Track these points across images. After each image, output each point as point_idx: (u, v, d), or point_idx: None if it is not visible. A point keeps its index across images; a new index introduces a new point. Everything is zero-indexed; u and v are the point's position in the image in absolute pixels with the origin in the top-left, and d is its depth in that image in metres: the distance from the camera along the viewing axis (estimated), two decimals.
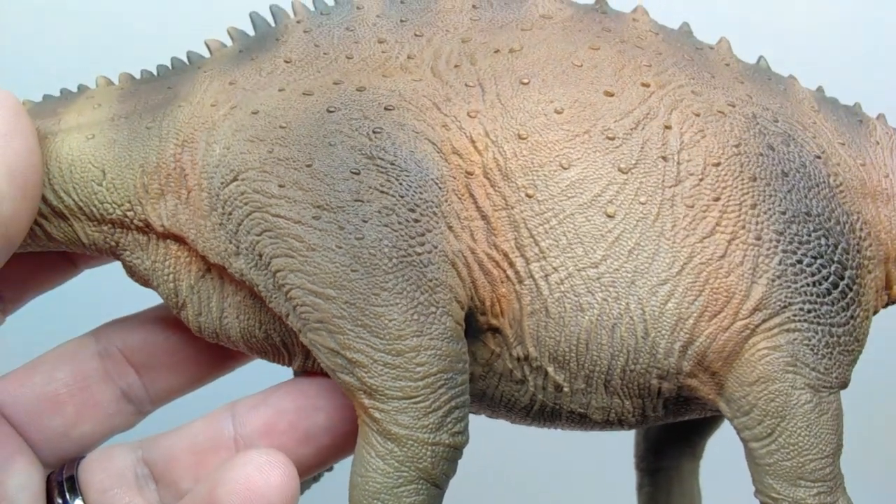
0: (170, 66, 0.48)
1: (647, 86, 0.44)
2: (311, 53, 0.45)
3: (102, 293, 0.58)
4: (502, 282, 0.42)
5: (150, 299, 0.49)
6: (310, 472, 0.45)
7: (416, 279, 0.40)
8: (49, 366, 0.48)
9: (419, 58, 0.44)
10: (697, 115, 0.44)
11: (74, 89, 0.48)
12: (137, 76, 0.48)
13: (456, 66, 0.44)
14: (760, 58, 0.50)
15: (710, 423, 0.53)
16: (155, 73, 0.48)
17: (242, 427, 0.46)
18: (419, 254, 0.41)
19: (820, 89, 0.50)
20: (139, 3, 0.74)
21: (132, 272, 0.47)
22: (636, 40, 0.46)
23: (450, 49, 0.45)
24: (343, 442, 0.44)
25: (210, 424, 0.46)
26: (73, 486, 0.45)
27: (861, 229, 0.44)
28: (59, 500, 0.45)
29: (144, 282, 0.47)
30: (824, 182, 0.44)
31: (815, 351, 0.41)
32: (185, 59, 0.48)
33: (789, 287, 0.42)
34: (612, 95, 0.43)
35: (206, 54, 0.48)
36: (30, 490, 0.44)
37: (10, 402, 0.47)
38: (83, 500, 0.45)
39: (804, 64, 0.50)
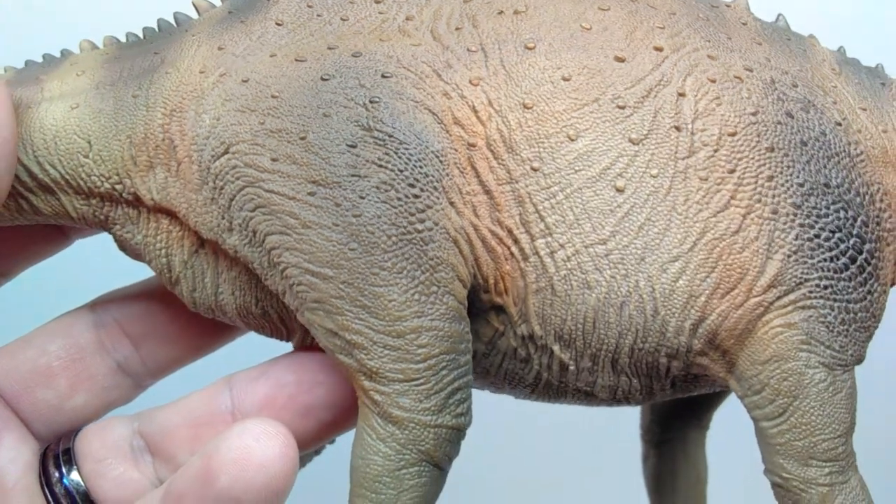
0: (156, 29, 0.46)
1: (661, 50, 0.42)
2: (303, 15, 0.43)
3: (97, 265, 0.57)
4: (506, 259, 0.40)
5: (147, 271, 0.48)
6: (309, 447, 0.44)
7: (416, 257, 0.39)
8: (42, 339, 0.47)
9: (418, 19, 0.42)
10: (713, 81, 0.41)
11: (57, 54, 0.46)
12: (123, 39, 0.46)
13: (457, 29, 0.42)
14: (779, 16, 0.47)
15: (717, 394, 0.52)
16: (141, 36, 0.46)
17: (240, 400, 0.45)
18: (419, 231, 0.39)
19: (841, 50, 0.47)
20: None
21: (123, 246, 0.45)
22: None
23: (450, 10, 0.42)
24: (344, 417, 0.44)
25: (207, 397, 0.45)
26: (70, 459, 0.45)
27: (881, 200, 0.42)
28: (56, 473, 0.44)
29: (136, 255, 0.45)
30: (844, 151, 0.42)
31: (831, 328, 0.40)
32: (172, 20, 0.46)
33: (805, 263, 0.40)
34: (622, 61, 0.41)
35: (195, 15, 0.46)
36: (20, 463, 0.44)
37: (1, 375, 0.46)
38: (79, 470, 0.44)
39: None
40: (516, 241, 0.40)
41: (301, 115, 0.40)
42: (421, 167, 0.39)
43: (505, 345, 0.42)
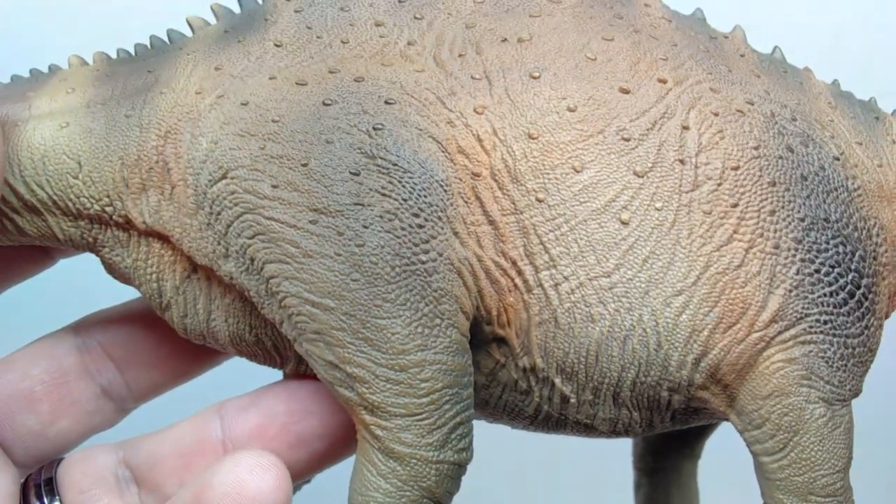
0: (148, 46, 0.45)
1: (665, 82, 0.42)
2: (303, 36, 0.42)
3: (81, 285, 0.55)
4: (510, 291, 0.40)
5: (132, 292, 0.46)
6: (301, 477, 0.44)
7: (420, 289, 0.38)
8: (24, 361, 0.46)
9: (420, 44, 0.41)
10: (716, 114, 0.41)
11: (45, 69, 0.45)
12: (113, 55, 0.45)
13: (460, 56, 0.41)
14: (775, 48, 0.47)
15: (710, 424, 0.52)
16: (133, 52, 0.45)
17: (231, 430, 0.44)
18: (423, 262, 0.38)
19: (835, 83, 0.48)
20: None
21: (112, 269, 0.44)
22: (650, 29, 0.43)
23: (453, 35, 0.42)
24: (337, 447, 0.43)
25: (197, 426, 0.44)
26: (52, 489, 0.43)
27: (877, 235, 0.43)
28: (37, 503, 0.43)
29: (125, 279, 0.44)
30: (842, 186, 0.42)
31: (830, 364, 0.40)
32: (164, 37, 0.45)
33: (806, 297, 0.40)
34: (627, 92, 0.41)
35: (188, 32, 0.45)
36: (1, 492, 0.42)
37: None
38: (61, 502, 0.43)
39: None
40: (520, 273, 0.40)
41: (303, 140, 0.39)
42: (425, 196, 0.39)
43: (505, 377, 0.41)
